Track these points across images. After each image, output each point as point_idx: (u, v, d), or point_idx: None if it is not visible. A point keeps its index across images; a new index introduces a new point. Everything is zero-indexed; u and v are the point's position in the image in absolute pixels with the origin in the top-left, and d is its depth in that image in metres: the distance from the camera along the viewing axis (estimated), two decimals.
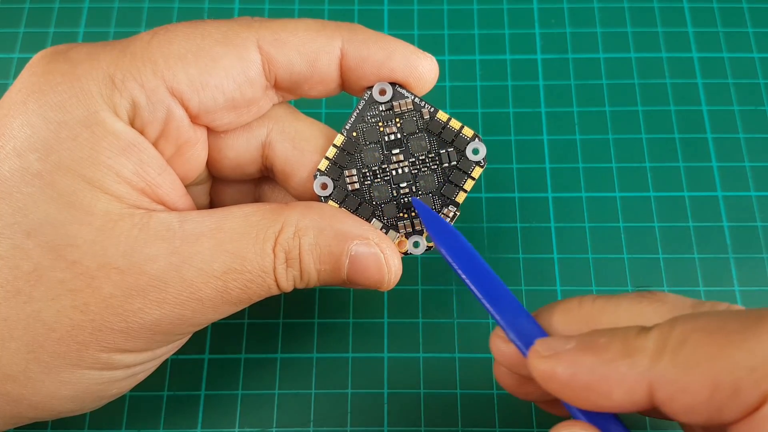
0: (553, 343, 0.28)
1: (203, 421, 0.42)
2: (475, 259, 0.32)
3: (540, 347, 0.28)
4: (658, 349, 0.25)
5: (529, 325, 0.31)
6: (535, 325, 0.31)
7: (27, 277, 0.30)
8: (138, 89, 0.31)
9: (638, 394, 0.26)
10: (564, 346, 0.28)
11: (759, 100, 0.50)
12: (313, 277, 0.34)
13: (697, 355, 0.25)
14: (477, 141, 0.35)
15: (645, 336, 0.26)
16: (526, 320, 0.31)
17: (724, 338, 0.25)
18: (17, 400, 0.31)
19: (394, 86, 0.35)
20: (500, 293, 0.31)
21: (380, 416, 0.42)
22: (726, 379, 0.24)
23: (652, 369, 0.25)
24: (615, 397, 0.26)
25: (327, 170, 0.35)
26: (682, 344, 0.25)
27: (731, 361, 0.24)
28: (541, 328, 0.31)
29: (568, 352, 0.27)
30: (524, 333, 0.30)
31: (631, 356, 0.26)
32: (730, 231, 0.46)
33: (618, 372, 0.26)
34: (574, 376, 0.27)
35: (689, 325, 0.26)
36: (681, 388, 0.25)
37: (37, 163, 0.30)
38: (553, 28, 0.52)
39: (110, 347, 0.31)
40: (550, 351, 0.28)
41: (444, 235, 0.33)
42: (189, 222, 0.32)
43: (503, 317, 0.31)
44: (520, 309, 0.31)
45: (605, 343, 0.27)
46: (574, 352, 0.27)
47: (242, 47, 0.33)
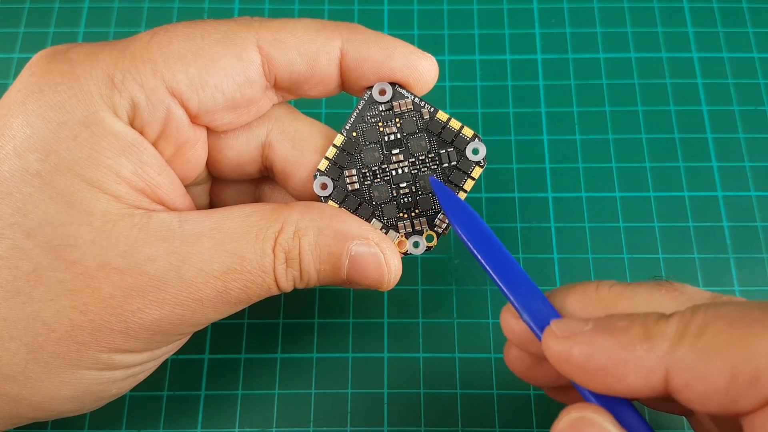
0: (570, 324, 0.28)
1: (203, 421, 0.42)
2: (491, 238, 0.32)
3: (556, 327, 0.28)
4: (678, 335, 0.25)
5: (544, 306, 0.30)
6: (549, 307, 0.30)
7: (27, 277, 0.30)
8: (138, 89, 0.31)
9: (654, 380, 0.25)
10: (581, 327, 0.28)
11: (759, 100, 0.50)
12: (312, 277, 0.34)
13: (718, 342, 0.24)
14: (477, 141, 0.35)
15: (665, 322, 0.26)
16: (541, 301, 0.31)
17: (746, 327, 0.24)
18: (17, 400, 0.31)
19: (393, 86, 0.35)
20: (514, 273, 0.31)
21: (380, 416, 0.42)
22: (745, 368, 0.24)
23: (670, 354, 0.25)
24: (630, 381, 0.26)
25: (327, 170, 0.35)
26: (702, 331, 0.25)
27: (752, 350, 0.24)
28: (555, 311, 0.30)
29: (586, 333, 0.27)
30: (538, 314, 0.30)
31: (650, 341, 0.26)
32: (730, 231, 0.46)
33: (635, 356, 0.26)
34: (590, 357, 0.26)
35: (710, 313, 0.25)
36: (699, 375, 0.24)
37: (36, 164, 0.30)
38: (553, 28, 0.52)
39: (110, 347, 0.31)
40: (566, 332, 0.28)
41: (459, 214, 0.33)
42: (189, 222, 0.32)
43: (517, 297, 0.31)
44: (534, 289, 0.31)
45: (624, 327, 0.27)
46: (592, 333, 0.27)
47: (242, 47, 0.33)
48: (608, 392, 0.27)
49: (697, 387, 0.25)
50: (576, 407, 0.27)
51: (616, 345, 0.26)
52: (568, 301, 0.31)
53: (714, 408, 0.25)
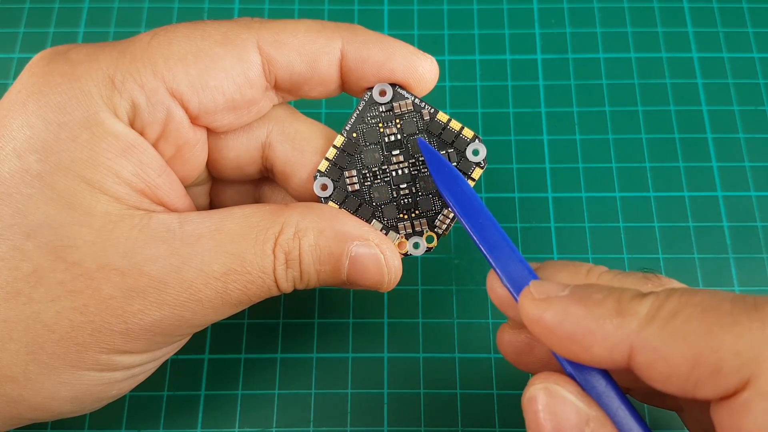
0: (547, 287, 0.29)
1: (203, 421, 0.42)
2: (474, 202, 0.33)
3: (534, 288, 0.29)
4: (650, 316, 0.26)
5: (524, 271, 0.31)
6: (529, 271, 0.31)
7: (27, 278, 0.30)
8: (138, 90, 0.31)
9: (618, 354, 0.26)
10: (557, 292, 0.28)
11: (759, 100, 0.50)
12: (313, 278, 0.34)
13: (686, 329, 0.25)
14: (477, 142, 0.35)
15: (639, 300, 0.26)
16: (521, 265, 0.31)
17: (716, 318, 0.25)
18: (17, 401, 0.31)
19: (394, 87, 0.35)
20: (497, 237, 0.32)
21: (380, 416, 0.42)
22: (709, 357, 0.24)
23: (638, 333, 0.26)
24: (595, 352, 0.26)
25: (327, 171, 0.35)
26: (673, 316, 0.25)
27: (717, 342, 0.24)
28: (535, 275, 0.31)
29: (561, 299, 0.28)
30: (517, 278, 0.31)
31: (621, 317, 0.26)
32: (730, 231, 0.46)
33: (603, 329, 0.26)
34: (560, 323, 0.27)
35: (684, 300, 0.26)
36: (662, 357, 0.25)
37: (36, 165, 0.30)
38: (553, 28, 0.52)
39: (110, 348, 0.31)
40: (542, 294, 0.28)
41: (445, 176, 0.33)
42: (189, 223, 0.32)
43: (497, 261, 0.31)
44: (515, 254, 0.31)
45: (599, 299, 0.27)
46: (566, 300, 0.27)
47: (242, 48, 0.33)
48: (573, 359, 0.27)
49: (659, 368, 0.25)
50: (540, 377, 0.28)
51: (587, 315, 0.27)
52: (557, 276, 0.32)
53: (673, 390, 0.25)
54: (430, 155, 0.34)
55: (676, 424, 0.41)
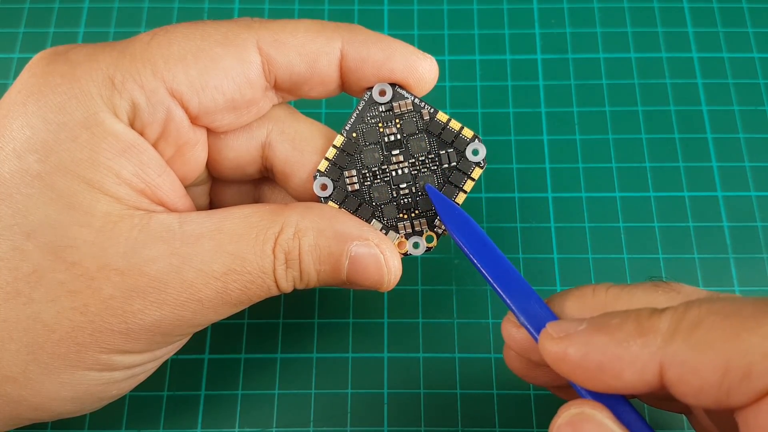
0: (565, 325, 0.28)
1: (203, 421, 0.42)
2: (487, 244, 0.33)
3: (551, 329, 0.28)
4: (672, 329, 0.25)
5: (541, 309, 0.31)
6: (546, 310, 0.31)
7: (27, 278, 0.30)
8: (138, 90, 0.31)
9: (649, 374, 0.26)
10: (576, 327, 0.28)
11: (759, 100, 0.50)
12: (312, 278, 0.34)
13: (711, 337, 0.25)
14: (477, 142, 0.35)
15: (658, 317, 0.26)
16: (538, 305, 0.31)
17: (739, 322, 0.24)
18: (17, 401, 0.31)
19: (393, 87, 0.35)
20: (511, 277, 0.31)
21: (380, 416, 0.42)
22: (738, 362, 0.24)
23: (664, 349, 0.25)
24: (626, 377, 0.26)
25: (327, 171, 0.35)
26: (696, 326, 0.25)
27: (745, 345, 0.24)
28: (552, 313, 0.31)
29: (580, 333, 0.27)
30: (535, 317, 0.30)
31: (643, 336, 0.26)
32: (730, 231, 0.46)
33: (630, 351, 0.26)
34: (585, 356, 0.27)
35: (704, 308, 0.25)
36: (692, 369, 0.25)
37: (36, 165, 0.30)
38: (553, 28, 0.52)
39: (110, 348, 0.31)
40: (561, 333, 0.28)
41: (455, 220, 0.33)
42: (189, 223, 0.32)
43: (514, 302, 0.31)
44: (531, 294, 0.31)
45: (618, 324, 0.27)
46: (587, 332, 0.27)
47: (242, 48, 0.33)
48: (606, 389, 0.27)
49: (691, 381, 0.25)
50: (575, 403, 0.27)
51: (611, 342, 0.26)
52: (566, 306, 0.31)
53: (708, 402, 0.25)
54: (440, 201, 0.34)
55: (676, 425, 0.41)
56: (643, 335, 0.26)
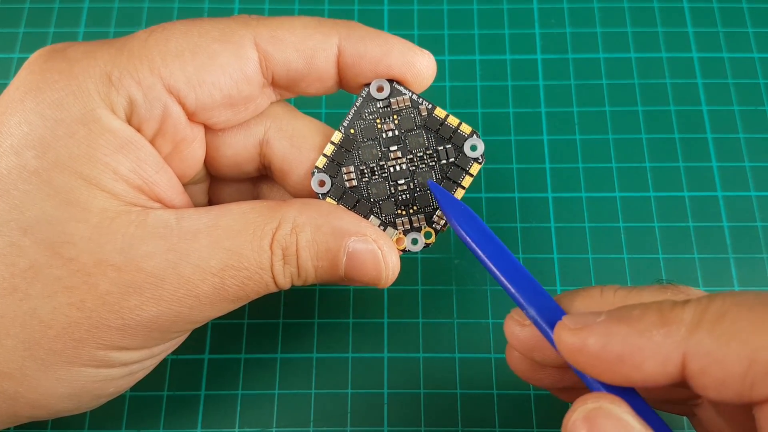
0: (582, 318, 0.28)
1: (203, 421, 0.42)
2: (492, 239, 0.32)
3: (569, 321, 0.28)
4: (696, 320, 0.25)
5: (550, 304, 0.30)
6: (555, 305, 0.30)
7: (23, 274, 0.30)
8: (135, 87, 0.31)
9: (671, 366, 0.25)
10: (594, 319, 0.27)
11: (759, 100, 0.50)
12: (310, 274, 0.34)
13: (736, 328, 0.24)
14: (475, 137, 0.35)
15: (681, 308, 0.26)
16: (546, 300, 0.30)
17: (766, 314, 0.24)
18: (14, 397, 0.31)
19: (391, 83, 0.35)
20: (518, 272, 0.31)
21: (380, 416, 0.42)
22: (765, 354, 0.24)
23: (688, 339, 0.25)
24: (647, 368, 0.26)
25: (324, 167, 0.35)
26: (721, 317, 0.25)
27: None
28: (561, 309, 0.30)
29: (600, 323, 0.27)
30: (545, 312, 0.30)
31: (667, 326, 0.25)
32: (730, 231, 0.46)
33: (652, 342, 0.25)
34: (605, 347, 0.26)
35: (729, 300, 0.25)
36: (716, 360, 0.24)
37: (34, 161, 0.30)
38: (553, 28, 0.52)
39: (107, 344, 0.31)
40: (579, 324, 0.27)
41: (460, 216, 0.33)
42: (186, 219, 0.32)
43: (524, 296, 0.31)
44: (538, 288, 0.31)
45: (639, 315, 0.26)
46: (606, 323, 0.27)
47: (239, 45, 0.33)
48: (624, 382, 0.26)
49: (715, 372, 0.24)
50: (592, 396, 0.27)
51: (633, 332, 0.26)
52: (574, 306, 0.31)
53: (729, 395, 0.25)
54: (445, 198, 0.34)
55: (675, 425, 0.41)
56: (666, 325, 0.25)
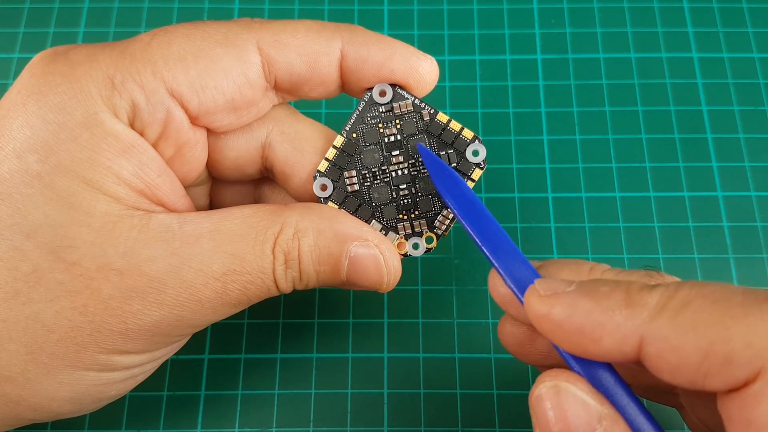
0: (553, 284, 0.28)
1: (203, 421, 0.42)
2: (475, 204, 0.33)
3: (540, 286, 0.28)
4: (660, 306, 0.26)
5: (526, 269, 0.31)
6: (531, 270, 0.31)
7: (26, 278, 0.30)
8: (138, 90, 0.31)
9: (628, 346, 0.26)
10: (564, 288, 0.28)
11: (759, 100, 0.50)
12: (312, 279, 0.34)
13: (697, 318, 0.25)
14: (477, 143, 0.35)
15: (648, 292, 0.26)
16: (523, 265, 0.31)
17: (727, 309, 0.25)
18: (16, 401, 0.31)
19: (394, 87, 0.35)
20: (498, 238, 0.32)
21: (380, 416, 0.42)
22: (720, 348, 0.24)
23: (648, 324, 0.26)
24: (604, 344, 0.26)
25: (327, 171, 0.35)
26: (684, 306, 0.25)
27: (729, 333, 0.24)
28: (537, 274, 0.31)
29: (568, 294, 0.28)
30: (520, 277, 0.31)
31: (630, 308, 0.26)
32: (730, 231, 0.46)
33: (613, 320, 0.26)
34: (568, 318, 0.27)
35: (695, 291, 0.26)
36: (673, 347, 0.25)
37: (36, 165, 0.30)
38: (553, 28, 0.52)
39: (109, 348, 0.31)
40: (549, 291, 0.28)
41: (446, 181, 0.33)
42: (188, 223, 0.32)
43: (499, 260, 0.31)
44: (517, 254, 0.31)
45: (607, 292, 0.27)
46: (574, 294, 0.27)
47: (242, 48, 0.33)
48: (582, 353, 0.27)
49: (670, 358, 0.25)
50: (550, 374, 0.28)
51: (596, 308, 0.27)
52: (559, 275, 0.31)
53: (683, 381, 0.25)
54: (430, 160, 0.34)
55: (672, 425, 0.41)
56: (630, 307, 0.26)
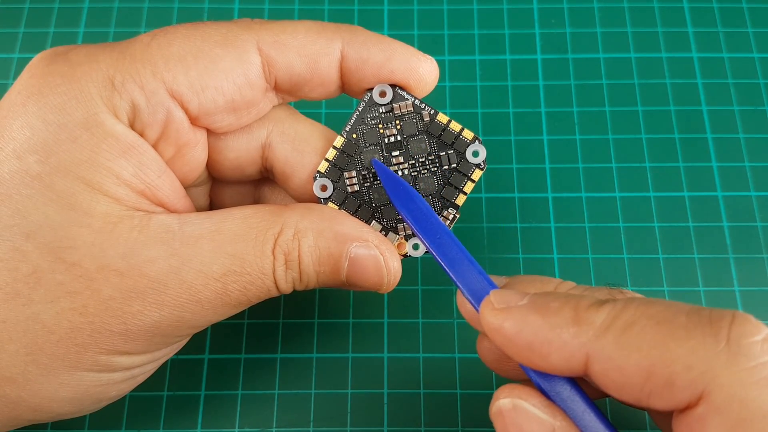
0: (507, 296, 0.29)
1: (203, 421, 0.42)
2: (431, 218, 0.33)
3: (494, 298, 0.29)
4: (605, 325, 0.26)
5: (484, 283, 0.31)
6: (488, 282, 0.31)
7: (26, 279, 0.30)
8: (138, 91, 0.31)
9: (574, 362, 0.27)
10: (517, 301, 0.29)
11: (759, 100, 0.50)
12: (312, 279, 0.34)
13: (640, 340, 0.26)
14: (477, 143, 0.35)
15: (595, 310, 0.27)
16: (481, 278, 0.31)
17: (670, 331, 0.25)
18: (16, 402, 0.31)
19: (394, 88, 0.35)
20: (455, 252, 0.32)
21: (380, 416, 0.42)
22: (662, 369, 0.25)
23: (594, 343, 0.26)
24: (552, 360, 0.27)
25: (327, 172, 0.35)
26: (629, 326, 0.26)
27: (670, 355, 0.25)
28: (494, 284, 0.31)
29: (520, 308, 0.28)
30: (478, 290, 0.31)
31: (577, 326, 0.27)
32: (730, 231, 0.46)
33: (560, 338, 0.27)
34: (519, 333, 0.28)
35: (640, 311, 0.26)
36: (617, 367, 0.26)
37: (36, 165, 0.30)
38: (553, 28, 0.52)
39: (109, 349, 0.31)
40: (503, 304, 0.29)
41: (401, 195, 0.34)
42: (188, 224, 0.32)
43: (457, 275, 0.32)
44: (474, 267, 0.32)
45: (556, 308, 0.28)
46: (525, 309, 0.28)
47: (242, 49, 0.33)
48: (532, 367, 0.28)
49: (614, 377, 0.26)
50: (505, 390, 0.29)
51: (545, 325, 0.27)
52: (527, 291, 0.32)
53: (628, 399, 0.26)
54: (385, 175, 0.34)
55: None
56: (576, 325, 0.27)
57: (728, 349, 0.25)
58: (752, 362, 0.24)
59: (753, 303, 0.44)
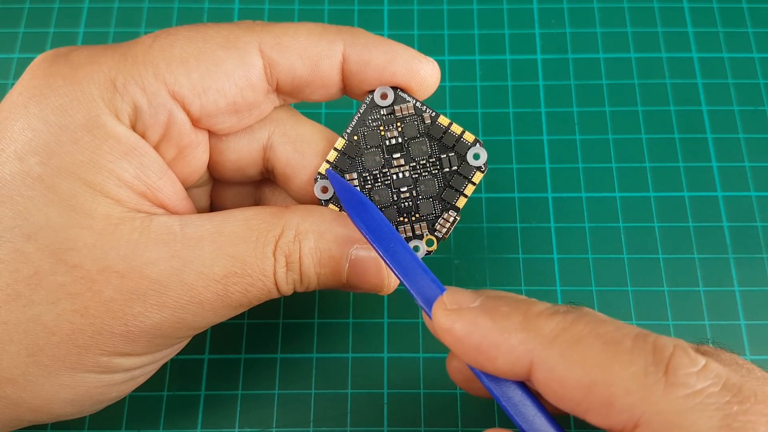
0: (460, 298, 0.29)
1: (203, 421, 0.42)
2: (383, 225, 0.33)
3: (447, 299, 0.29)
4: (552, 335, 0.27)
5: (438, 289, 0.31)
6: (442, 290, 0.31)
7: (27, 280, 0.30)
8: (139, 93, 0.31)
9: (519, 367, 0.27)
10: (469, 303, 0.29)
11: (759, 100, 0.50)
12: (313, 281, 0.34)
13: (584, 357, 0.26)
14: (478, 146, 0.35)
15: (546, 319, 0.27)
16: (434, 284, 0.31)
17: (615, 354, 0.26)
18: (16, 403, 0.31)
19: (395, 90, 0.35)
20: (408, 260, 0.32)
21: (380, 416, 0.42)
22: (601, 389, 0.25)
23: (540, 351, 0.27)
24: (498, 364, 0.27)
25: (327, 173, 0.35)
26: (576, 341, 0.26)
27: (611, 376, 0.25)
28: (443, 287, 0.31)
29: (471, 310, 0.28)
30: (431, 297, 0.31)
31: (525, 332, 0.27)
32: (730, 231, 0.46)
33: (508, 342, 0.27)
34: (468, 335, 0.28)
35: (589, 328, 0.27)
36: (559, 378, 0.26)
37: (38, 167, 0.30)
38: (553, 28, 0.52)
39: (110, 351, 0.31)
40: (455, 305, 0.29)
41: (355, 205, 0.34)
42: (190, 225, 0.32)
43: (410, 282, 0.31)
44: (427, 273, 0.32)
45: (506, 313, 0.28)
46: (476, 311, 0.28)
47: (244, 51, 0.33)
48: (481, 369, 0.28)
49: (555, 387, 0.26)
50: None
51: (494, 328, 0.28)
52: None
53: (567, 409, 0.27)
54: (340, 185, 0.35)
55: None
56: (524, 331, 0.27)
57: (665, 378, 0.25)
58: (688, 390, 0.25)
59: (753, 303, 0.44)
